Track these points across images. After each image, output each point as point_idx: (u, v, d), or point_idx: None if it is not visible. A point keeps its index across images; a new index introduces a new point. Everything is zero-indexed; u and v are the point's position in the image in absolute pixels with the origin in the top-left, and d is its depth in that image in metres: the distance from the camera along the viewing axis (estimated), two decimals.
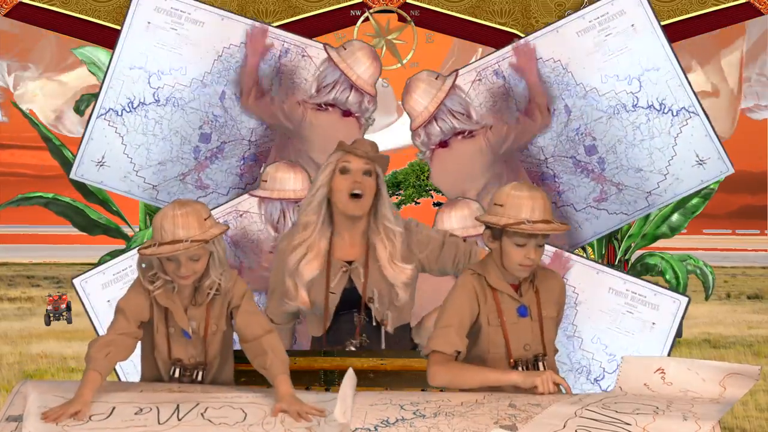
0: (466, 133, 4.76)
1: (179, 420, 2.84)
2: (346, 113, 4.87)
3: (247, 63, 4.79)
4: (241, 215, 4.77)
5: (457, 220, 4.56)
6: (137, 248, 3.27)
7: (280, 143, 4.98)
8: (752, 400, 8.07)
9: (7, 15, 5.76)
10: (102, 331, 4.44)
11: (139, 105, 4.76)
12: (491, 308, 3.18)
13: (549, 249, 4.55)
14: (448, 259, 3.71)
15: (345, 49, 4.95)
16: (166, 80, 4.78)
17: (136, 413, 2.88)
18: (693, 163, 4.69)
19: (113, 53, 4.77)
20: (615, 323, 4.52)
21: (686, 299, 4.50)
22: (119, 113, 4.76)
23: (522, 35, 7.87)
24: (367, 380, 3.44)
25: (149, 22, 4.75)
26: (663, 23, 4.96)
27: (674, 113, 4.67)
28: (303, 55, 4.99)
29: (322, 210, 3.61)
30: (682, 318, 4.50)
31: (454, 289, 3.23)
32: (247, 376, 3.44)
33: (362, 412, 2.80)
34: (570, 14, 4.93)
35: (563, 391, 3.05)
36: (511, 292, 3.20)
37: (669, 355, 4.46)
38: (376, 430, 2.70)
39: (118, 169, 4.80)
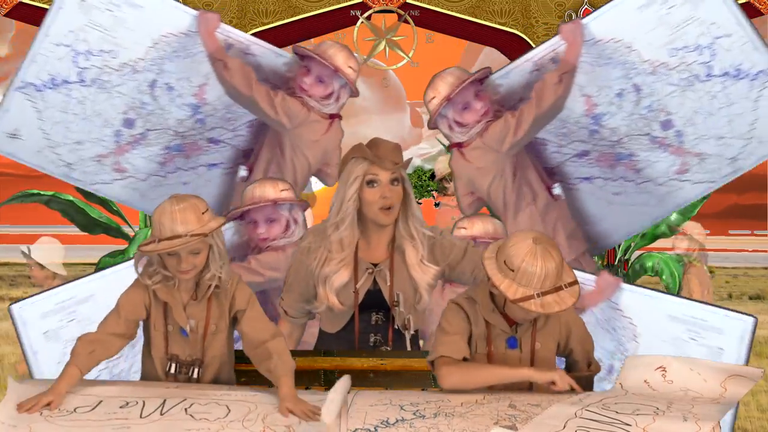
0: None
1: (162, 414, 2.85)
2: (332, 116, 4.83)
3: (213, 49, 4.60)
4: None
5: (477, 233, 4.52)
6: (138, 247, 3.26)
7: (272, 139, 4.86)
8: (754, 400, 8.06)
9: (7, 15, 5.76)
10: (34, 363, 4.34)
11: (62, 83, 4.54)
12: (481, 334, 3.15)
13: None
14: (468, 269, 3.68)
15: (323, 50, 4.84)
16: (94, 62, 4.54)
17: (121, 406, 2.90)
18: None
19: (40, 28, 4.50)
20: (680, 353, 4.00)
21: (752, 319, 4.05)
22: (39, 89, 4.52)
23: (522, 35, 7.82)
24: (367, 380, 3.44)
25: (83, 0, 4.47)
26: None
27: (752, 77, 4.42)
28: (246, 53, 4.79)
29: (354, 223, 3.59)
30: (752, 340, 4.05)
31: (447, 311, 3.19)
32: (247, 376, 3.44)
33: (362, 413, 2.80)
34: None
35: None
36: (504, 326, 3.14)
37: None
38: (375, 430, 2.70)
39: (33, 143, 4.60)
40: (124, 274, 3.41)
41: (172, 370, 3.24)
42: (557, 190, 4.89)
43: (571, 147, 4.82)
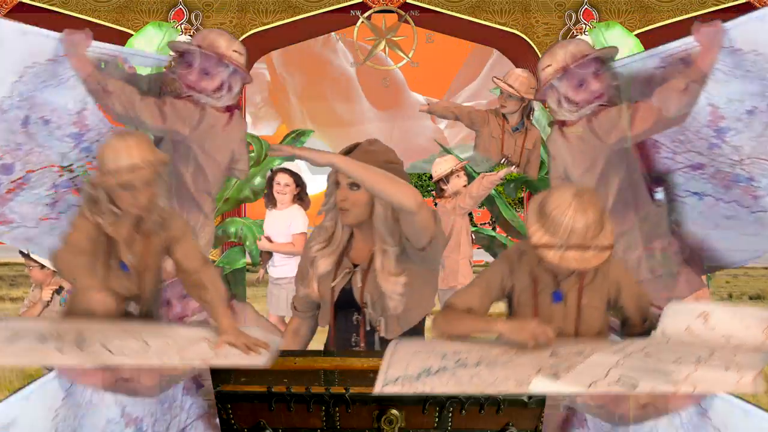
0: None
1: (81, 350, 2.86)
2: (229, 108, 4.48)
3: (86, 74, 4.12)
4: None
5: None
6: (89, 182, 3.22)
7: (175, 157, 4.35)
8: (755, 401, 8.04)
9: (7, 15, 5.77)
10: None
11: None
12: (525, 287, 3.13)
13: None
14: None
15: (201, 39, 4.44)
16: None
17: (39, 341, 2.90)
18: None
19: None
20: None
21: None
22: None
23: (522, 35, 7.84)
24: (366, 380, 3.37)
25: None
26: (663, 23, 4.78)
27: None
28: (129, 66, 4.41)
29: (335, 216, 3.67)
30: None
31: (494, 262, 3.22)
32: (248, 376, 3.33)
33: (404, 361, 2.78)
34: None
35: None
36: (548, 279, 3.12)
37: None
38: (418, 378, 2.68)
39: None
40: (50, 393, 3.18)
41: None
42: (659, 195, 4.48)
43: (686, 156, 4.36)
